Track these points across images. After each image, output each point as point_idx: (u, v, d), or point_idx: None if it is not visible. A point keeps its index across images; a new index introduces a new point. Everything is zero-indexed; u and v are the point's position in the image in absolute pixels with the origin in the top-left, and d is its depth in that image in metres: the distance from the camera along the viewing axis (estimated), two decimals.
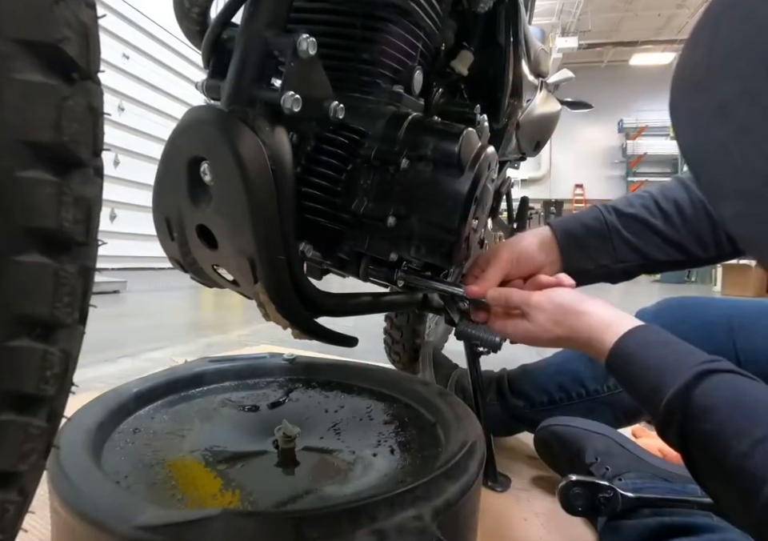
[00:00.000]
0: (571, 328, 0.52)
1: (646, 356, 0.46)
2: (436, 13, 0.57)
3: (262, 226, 0.42)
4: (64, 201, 0.24)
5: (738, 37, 0.22)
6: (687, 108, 0.26)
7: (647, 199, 0.63)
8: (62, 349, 0.26)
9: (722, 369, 0.42)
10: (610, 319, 0.50)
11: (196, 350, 1.75)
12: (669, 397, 0.42)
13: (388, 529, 0.41)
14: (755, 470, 0.36)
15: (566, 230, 0.64)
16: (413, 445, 0.62)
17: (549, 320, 0.53)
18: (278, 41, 0.42)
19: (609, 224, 0.62)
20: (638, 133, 13.24)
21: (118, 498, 0.42)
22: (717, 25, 0.24)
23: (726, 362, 0.43)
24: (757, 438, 0.36)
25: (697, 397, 0.41)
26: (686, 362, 0.43)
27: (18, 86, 0.22)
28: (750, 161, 0.22)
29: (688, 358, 0.44)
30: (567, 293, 0.55)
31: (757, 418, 0.38)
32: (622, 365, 0.48)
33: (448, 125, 0.53)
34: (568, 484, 0.63)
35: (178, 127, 0.45)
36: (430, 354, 1.07)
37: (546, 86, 1.04)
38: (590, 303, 0.52)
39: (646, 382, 0.45)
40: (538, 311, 0.53)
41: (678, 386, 0.42)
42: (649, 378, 0.45)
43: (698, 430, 0.40)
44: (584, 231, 0.63)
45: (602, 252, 0.63)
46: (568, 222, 0.65)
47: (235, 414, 0.69)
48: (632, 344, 0.47)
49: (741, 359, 0.64)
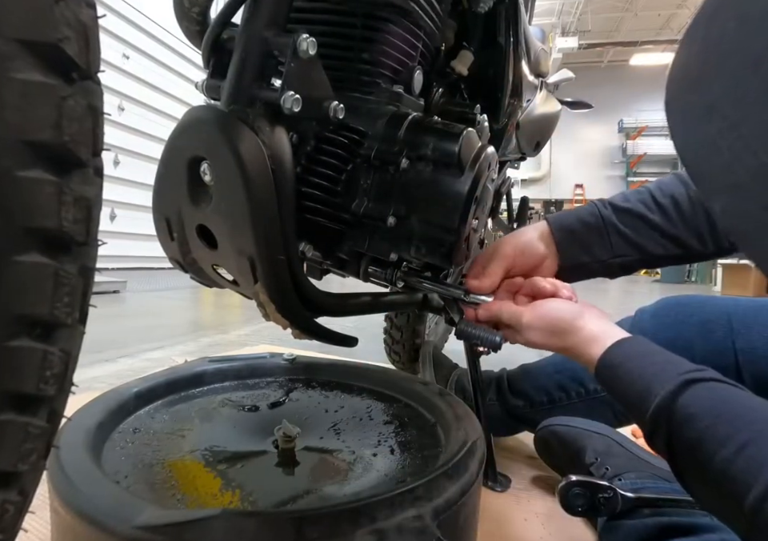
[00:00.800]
0: (564, 343, 0.53)
1: (630, 367, 0.47)
2: (436, 13, 0.57)
3: (262, 226, 0.42)
4: (64, 201, 0.24)
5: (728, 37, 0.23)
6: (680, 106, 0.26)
7: (644, 194, 0.63)
8: (62, 349, 0.26)
9: (705, 378, 0.43)
10: (598, 332, 0.51)
11: (196, 350, 1.75)
12: (654, 407, 0.42)
13: (388, 529, 0.41)
14: (740, 475, 0.36)
15: (563, 225, 0.64)
16: (413, 445, 0.62)
17: (541, 337, 0.54)
18: (278, 41, 0.42)
19: (605, 219, 0.62)
20: (638, 133, 13.24)
21: (118, 498, 0.42)
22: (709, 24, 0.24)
23: (710, 371, 0.44)
24: (740, 444, 0.37)
25: (680, 406, 0.41)
26: (669, 372, 0.44)
27: (17, 85, 0.22)
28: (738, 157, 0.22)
29: (671, 369, 0.45)
30: (557, 307, 0.55)
31: (739, 424, 0.38)
32: (609, 376, 0.49)
33: (448, 125, 0.53)
34: (568, 484, 0.63)
35: (178, 127, 0.45)
36: (430, 354, 1.07)
37: (546, 86, 1.04)
38: (582, 319, 0.53)
39: (632, 392, 0.46)
40: (528, 331, 0.55)
41: (662, 396, 0.42)
42: (634, 388, 0.46)
43: (684, 439, 0.41)
44: (580, 226, 0.63)
45: (598, 247, 0.63)
46: (564, 217, 0.65)
47: (235, 414, 0.69)
48: (618, 356, 0.48)
49: (739, 358, 0.64)
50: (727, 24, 0.23)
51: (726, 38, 0.23)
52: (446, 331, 1.45)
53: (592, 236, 0.63)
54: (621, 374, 0.47)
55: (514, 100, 0.78)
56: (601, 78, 13.41)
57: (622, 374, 0.47)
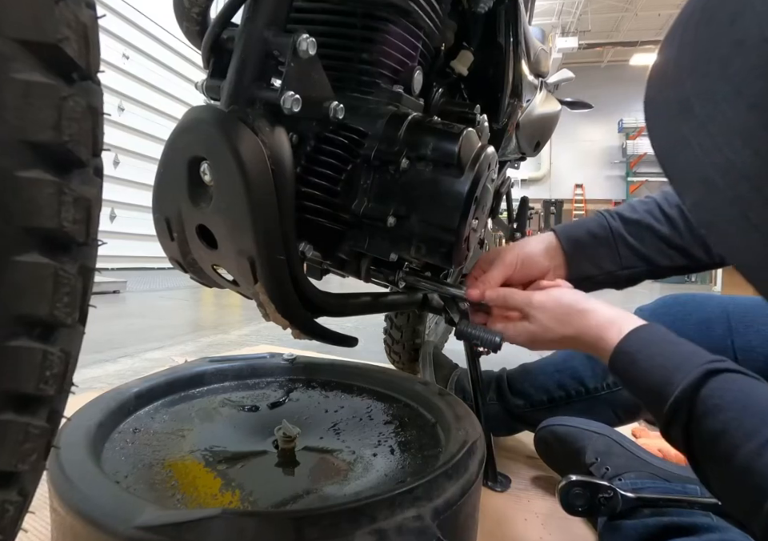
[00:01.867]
0: (577, 327, 0.51)
1: (651, 355, 0.46)
2: (436, 13, 0.57)
3: (262, 226, 0.42)
4: (64, 201, 0.24)
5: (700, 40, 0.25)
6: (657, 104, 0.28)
7: (651, 205, 0.62)
8: (62, 349, 0.26)
9: (729, 368, 0.42)
10: (613, 317, 0.50)
11: (196, 350, 1.75)
12: (675, 396, 0.42)
13: (388, 529, 0.41)
14: (765, 471, 0.35)
15: (571, 237, 0.63)
16: (413, 445, 0.62)
17: (552, 319, 0.52)
18: (278, 41, 0.42)
19: (614, 231, 0.62)
20: (638, 133, 13.22)
21: (118, 498, 0.42)
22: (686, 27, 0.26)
23: (731, 362, 0.43)
24: (767, 438, 0.36)
25: (704, 396, 0.41)
26: (691, 362, 0.43)
27: (18, 86, 0.22)
28: (708, 153, 0.24)
29: (694, 358, 0.44)
30: (569, 292, 0.54)
31: (765, 417, 0.38)
32: (626, 363, 0.47)
33: (448, 125, 0.53)
34: (568, 484, 0.63)
35: (178, 127, 0.45)
36: (430, 354, 1.07)
37: (545, 86, 1.04)
38: (593, 302, 0.52)
39: (651, 381, 0.45)
40: (540, 311, 0.53)
41: (685, 385, 0.41)
42: (653, 377, 0.44)
43: (705, 430, 0.40)
44: (589, 239, 0.63)
45: (607, 259, 0.62)
46: (572, 228, 0.65)
47: (235, 414, 0.69)
48: (636, 343, 0.47)
49: (738, 357, 0.64)
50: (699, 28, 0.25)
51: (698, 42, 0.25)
52: (445, 331, 1.45)
53: (601, 248, 0.62)
54: (639, 361, 0.46)
55: (514, 100, 0.78)
56: (601, 78, 13.40)
57: (640, 361, 0.46)
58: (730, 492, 0.41)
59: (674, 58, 0.26)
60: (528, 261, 0.62)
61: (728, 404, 0.40)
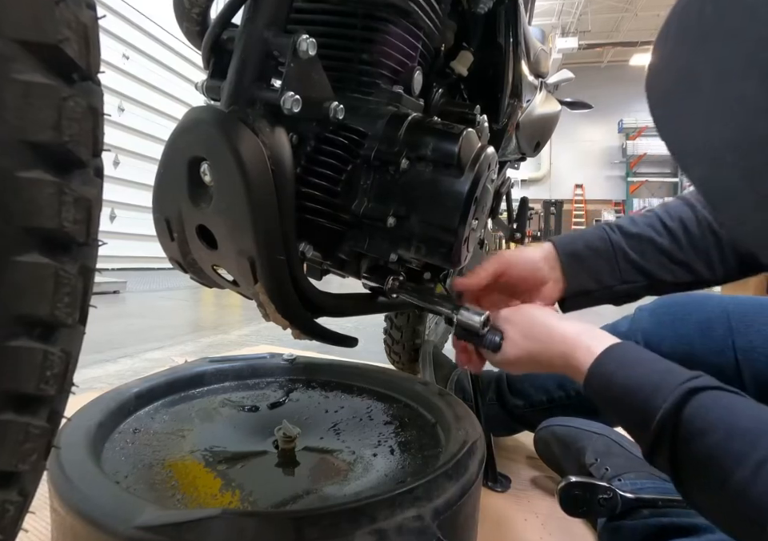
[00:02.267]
0: (542, 341, 0.51)
1: (627, 376, 0.44)
2: (436, 13, 0.57)
3: (262, 226, 0.42)
4: (64, 201, 0.24)
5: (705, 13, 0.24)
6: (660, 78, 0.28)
7: (652, 218, 0.61)
8: (62, 349, 0.26)
9: (709, 386, 0.41)
10: (579, 330, 0.50)
11: (196, 350, 1.75)
12: (658, 419, 0.40)
13: (388, 529, 0.41)
14: (759, 500, 0.34)
15: (570, 250, 0.62)
16: (413, 445, 0.62)
17: (518, 333, 0.53)
18: (278, 41, 0.42)
19: (614, 244, 0.61)
20: (638, 133, 13.22)
21: (118, 498, 0.42)
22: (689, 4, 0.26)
23: (710, 378, 0.42)
24: (758, 461, 0.35)
25: (687, 418, 0.39)
26: (669, 381, 0.42)
27: (18, 86, 0.22)
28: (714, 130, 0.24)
29: (671, 377, 0.43)
30: (538, 307, 0.55)
31: (753, 439, 0.37)
32: (602, 385, 0.46)
33: (448, 125, 0.53)
34: (567, 485, 0.63)
35: (178, 127, 0.45)
36: (430, 354, 1.07)
37: (545, 87, 1.04)
38: (559, 316, 0.53)
39: (630, 403, 0.43)
40: (506, 324, 0.54)
41: (666, 407, 0.40)
42: (633, 399, 0.43)
43: (691, 455, 0.39)
44: (589, 252, 0.61)
45: (606, 273, 0.61)
46: (571, 240, 0.63)
47: (235, 414, 0.69)
48: (611, 364, 0.46)
49: (739, 357, 0.64)
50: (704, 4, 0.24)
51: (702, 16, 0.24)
52: (445, 331, 1.45)
53: (600, 262, 0.61)
54: (616, 384, 0.44)
55: (514, 100, 0.79)
56: (601, 78, 13.40)
57: (617, 383, 0.44)
58: (725, 520, 0.39)
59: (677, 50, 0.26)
60: (524, 263, 0.61)
61: (711, 426, 0.38)
